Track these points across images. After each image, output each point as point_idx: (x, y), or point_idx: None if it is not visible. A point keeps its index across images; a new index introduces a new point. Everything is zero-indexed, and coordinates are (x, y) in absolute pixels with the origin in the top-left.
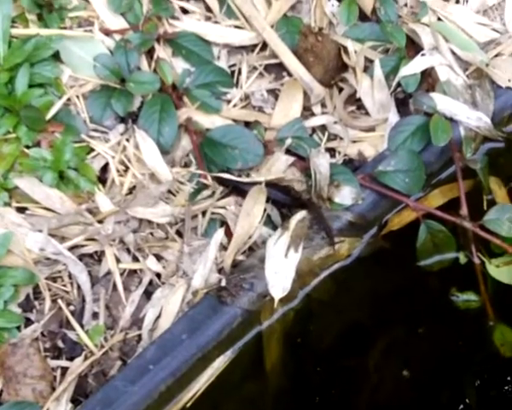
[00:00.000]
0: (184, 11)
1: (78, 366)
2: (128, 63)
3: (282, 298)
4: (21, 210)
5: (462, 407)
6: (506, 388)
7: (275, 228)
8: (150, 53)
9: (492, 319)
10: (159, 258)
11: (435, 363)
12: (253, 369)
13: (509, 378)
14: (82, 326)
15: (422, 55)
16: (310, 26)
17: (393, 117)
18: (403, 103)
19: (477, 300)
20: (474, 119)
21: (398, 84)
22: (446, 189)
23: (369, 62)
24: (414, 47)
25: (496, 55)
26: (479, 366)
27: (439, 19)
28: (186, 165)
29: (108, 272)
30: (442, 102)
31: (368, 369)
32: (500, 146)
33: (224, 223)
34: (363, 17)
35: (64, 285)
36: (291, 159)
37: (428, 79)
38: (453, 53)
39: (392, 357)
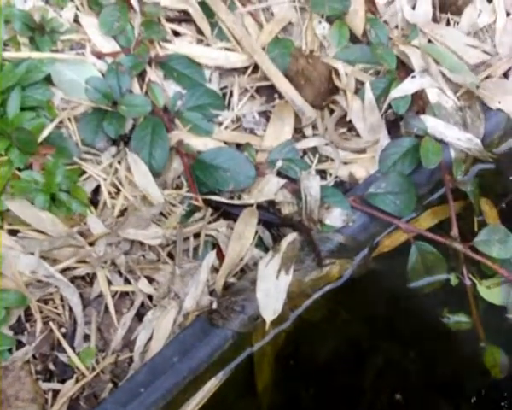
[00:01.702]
0: (176, 34)
1: (69, 388)
2: (120, 86)
3: (274, 320)
4: (13, 233)
5: None
6: (502, 404)
7: (266, 250)
8: (142, 76)
9: (483, 340)
10: (150, 280)
11: (426, 384)
12: (245, 391)
13: (505, 394)
14: (73, 349)
15: (413, 77)
16: (301, 49)
17: (384, 139)
18: (393, 125)
19: (468, 321)
20: (465, 140)
21: (389, 106)
22: (437, 210)
23: (359, 84)
24: (404, 69)
25: (486, 77)
26: (472, 384)
27: (430, 41)
28: (178, 187)
29: (100, 295)
30: (432, 124)
31: (360, 390)
32: (491, 167)
33: (215, 245)
34: (353, 39)
35: (55, 308)
36: (282, 181)
37: (419, 101)
38: (443, 75)
39: (385, 377)
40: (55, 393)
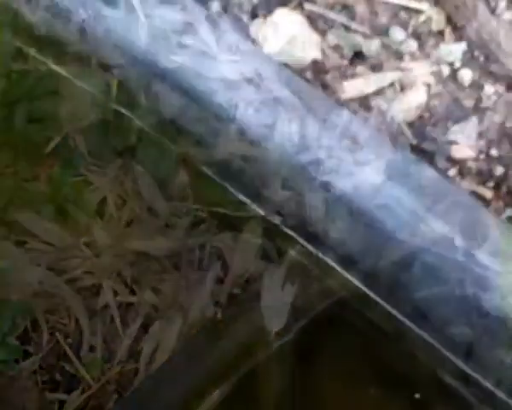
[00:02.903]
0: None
1: (75, 399)
2: (126, 98)
3: (278, 331)
4: (20, 244)
5: None
6: None
7: (271, 262)
8: (148, 87)
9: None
10: (156, 291)
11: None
12: (249, 403)
13: None
14: (79, 359)
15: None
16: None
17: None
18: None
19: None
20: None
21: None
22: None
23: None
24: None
25: None
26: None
27: None
28: (183, 199)
29: (106, 305)
30: None
31: (367, 404)
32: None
33: (220, 256)
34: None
35: (62, 318)
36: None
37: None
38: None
39: (393, 389)
40: (61, 404)
